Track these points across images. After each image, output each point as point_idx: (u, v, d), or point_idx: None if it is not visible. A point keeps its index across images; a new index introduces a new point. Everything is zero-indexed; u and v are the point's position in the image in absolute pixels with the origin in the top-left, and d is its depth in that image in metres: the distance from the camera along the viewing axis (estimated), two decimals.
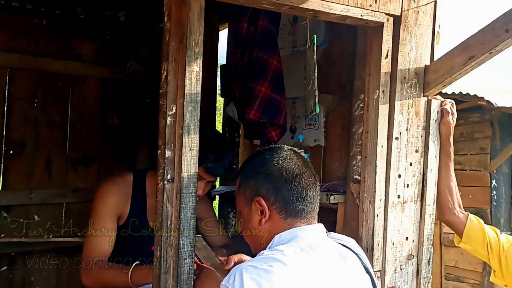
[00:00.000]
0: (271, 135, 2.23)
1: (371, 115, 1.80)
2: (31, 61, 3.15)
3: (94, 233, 1.87)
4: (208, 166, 1.86)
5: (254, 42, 2.04)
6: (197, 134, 1.35)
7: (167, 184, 1.34)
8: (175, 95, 1.34)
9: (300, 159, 1.34)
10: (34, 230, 3.21)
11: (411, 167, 1.86)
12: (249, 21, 2.08)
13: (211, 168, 1.88)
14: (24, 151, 3.18)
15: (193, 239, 1.35)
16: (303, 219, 1.28)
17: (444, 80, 1.82)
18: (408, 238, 1.86)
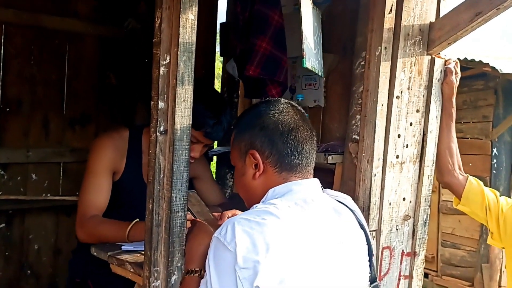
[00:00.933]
0: (272, 93, 2.19)
1: (372, 72, 1.75)
2: (27, 17, 3.06)
3: (89, 188, 1.85)
4: (208, 131, 1.82)
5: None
6: (191, 85, 1.31)
7: (160, 136, 1.31)
8: (169, 44, 1.30)
9: (297, 112, 1.30)
10: (32, 189, 3.20)
11: (411, 127, 1.82)
12: None
13: (210, 133, 1.83)
14: (20, 109, 3.13)
15: (185, 192, 1.32)
16: (298, 173, 1.25)
17: (449, 38, 1.76)
18: (405, 199, 1.84)
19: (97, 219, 1.80)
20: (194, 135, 1.78)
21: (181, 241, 1.33)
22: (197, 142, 1.81)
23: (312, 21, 1.68)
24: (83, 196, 1.85)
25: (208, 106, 1.78)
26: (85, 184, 1.86)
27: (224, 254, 1.09)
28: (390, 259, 1.82)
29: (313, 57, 1.68)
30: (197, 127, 1.77)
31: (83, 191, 1.87)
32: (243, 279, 1.06)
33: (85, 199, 1.84)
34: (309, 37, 1.60)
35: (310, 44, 1.62)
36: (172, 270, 1.32)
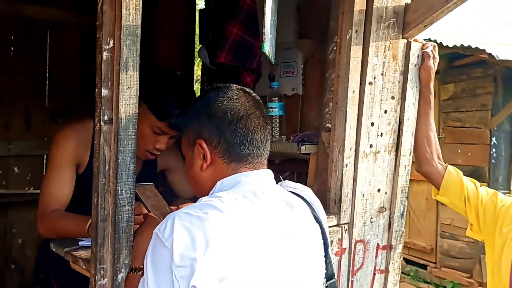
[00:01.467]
0: (246, 81, 2.10)
1: (343, 58, 1.66)
2: (5, 6, 2.99)
3: (51, 181, 1.77)
4: (172, 121, 1.74)
5: None
6: (137, 71, 1.23)
7: (104, 126, 1.23)
8: (112, 27, 1.22)
9: (250, 99, 1.22)
10: (15, 182, 3.15)
11: (386, 114, 1.73)
12: None
13: (175, 124, 1.75)
14: (1, 101, 3.07)
15: (132, 185, 1.25)
16: (248, 164, 1.17)
17: (424, 20, 1.67)
18: (380, 190, 1.76)
19: (57, 213, 1.72)
20: (159, 126, 1.71)
21: (128, 237, 1.26)
22: (162, 134, 1.73)
23: (272, 4, 1.60)
24: (45, 189, 1.78)
25: (174, 95, 1.69)
26: (47, 177, 1.78)
27: (161, 251, 1.02)
28: (364, 253, 1.74)
29: (269, 42, 1.60)
30: (161, 118, 1.69)
31: (44, 184, 1.79)
32: (179, 278, 0.99)
33: (46, 192, 1.76)
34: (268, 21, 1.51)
35: (268, 28, 1.53)
36: (119, 267, 1.25)
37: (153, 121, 1.69)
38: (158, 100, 1.67)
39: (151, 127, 1.70)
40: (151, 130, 1.71)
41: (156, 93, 1.68)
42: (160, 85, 1.70)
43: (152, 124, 1.70)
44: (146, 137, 1.72)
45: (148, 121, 1.70)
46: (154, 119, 1.68)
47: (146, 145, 1.73)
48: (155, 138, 1.73)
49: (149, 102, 1.69)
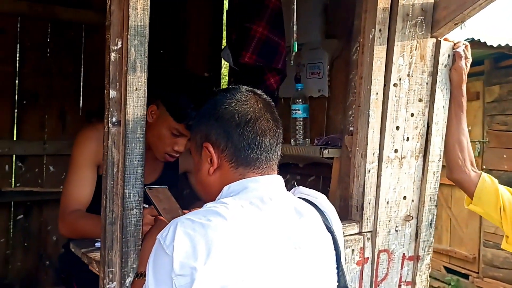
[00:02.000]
0: (270, 82, 2.06)
1: (365, 58, 1.59)
2: (41, 9, 3.07)
3: (72, 182, 1.79)
4: (190, 123, 1.71)
5: None
6: (145, 72, 1.21)
7: (112, 128, 1.21)
8: (120, 27, 1.20)
9: (260, 101, 1.17)
10: (50, 181, 3.23)
11: (413, 118, 1.64)
12: None
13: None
14: (37, 102, 3.16)
15: (140, 188, 1.23)
16: (256, 169, 1.12)
17: (455, 17, 1.57)
18: (406, 197, 1.67)
19: (78, 213, 1.74)
20: (176, 127, 1.69)
21: (136, 241, 1.24)
22: (180, 135, 1.71)
23: None
24: (66, 189, 1.80)
25: (191, 97, 1.67)
26: (69, 177, 1.80)
27: (162, 258, 0.99)
28: (389, 263, 1.66)
29: None
30: (178, 119, 1.67)
31: (66, 185, 1.81)
32: (179, 287, 0.95)
33: (67, 192, 1.78)
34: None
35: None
36: (127, 271, 1.23)
37: (171, 122, 1.68)
38: (175, 101, 1.66)
39: (169, 129, 1.69)
40: (169, 132, 1.70)
41: (174, 95, 1.67)
42: (177, 87, 1.69)
43: (170, 126, 1.68)
44: (165, 139, 1.71)
45: (166, 123, 1.69)
46: (172, 120, 1.67)
47: (165, 147, 1.72)
48: (174, 140, 1.72)
49: (167, 104, 1.68)
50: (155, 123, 1.71)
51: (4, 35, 3.01)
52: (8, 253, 3.15)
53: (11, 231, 3.18)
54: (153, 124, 1.70)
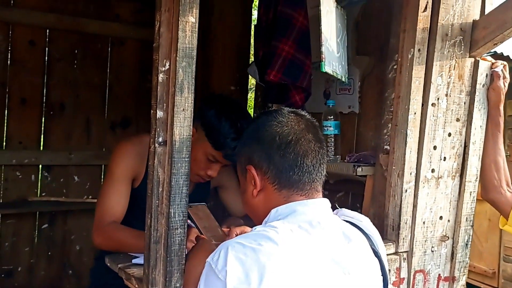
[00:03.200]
0: (295, 99, 2.06)
1: (403, 77, 1.58)
2: (69, 22, 3.12)
3: (108, 194, 1.80)
4: (228, 153, 1.72)
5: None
6: (191, 93, 1.21)
7: (159, 148, 1.22)
8: (169, 49, 1.21)
9: (302, 123, 1.17)
10: (74, 191, 3.26)
11: (450, 137, 1.63)
12: None
13: (230, 155, 1.72)
14: (64, 112, 3.20)
15: (185, 208, 1.23)
16: (300, 191, 1.12)
17: (495, 38, 1.56)
18: (442, 218, 1.66)
19: (114, 225, 1.75)
20: (213, 154, 1.69)
21: (180, 260, 1.24)
22: (215, 162, 1.71)
23: (334, 22, 1.54)
24: (102, 201, 1.81)
25: (232, 126, 1.66)
26: (105, 189, 1.82)
27: (214, 282, 0.99)
28: (424, 284, 1.64)
29: (335, 61, 1.54)
30: (217, 147, 1.67)
31: (102, 197, 1.83)
32: None
33: (103, 205, 1.80)
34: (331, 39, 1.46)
35: (331, 46, 1.48)
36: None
37: (208, 148, 1.68)
38: (216, 129, 1.66)
39: (205, 154, 1.69)
40: (205, 156, 1.70)
41: (215, 122, 1.66)
42: (220, 114, 1.68)
43: (207, 152, 1.69)
44: (200, 162, 1.71)
45: (204, 148, 1.69)
46: (210, 147, 1.67)
47: (198, 170, 1.73)
48: (208, 165, 1.72)
49: (207, 130, 1.68)
50: (191, 145, 1.71)
51: (33, 47, 3.06)
52: (32, 262, 3.18)
53: (36, 240, 3.21)
54: None
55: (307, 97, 2.00)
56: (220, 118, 1.68)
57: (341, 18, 1.68)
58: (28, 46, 3.05)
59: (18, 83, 3.03)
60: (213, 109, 1.70)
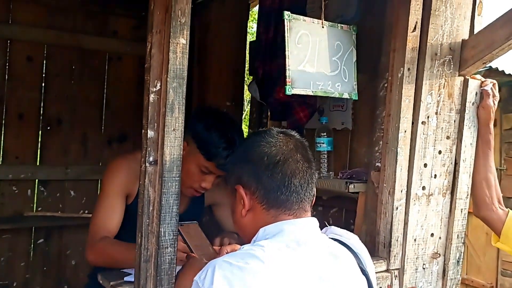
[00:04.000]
0: (299, 116, 2.08)
1: (394, 96, 1.61)
2: (68, 38, 3.16)
3: (102, 210, 1.81)
4: (220, 162, 1.74)
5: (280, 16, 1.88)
6: (182, 113, 1.23)
7: (149, 167, 1.24)
8: (160, 70, 1.23)
9: (291, 143, 1.18)
10: (70, 205, 3.27)
11: (440, 155, 1.65)
12: None
13: (223, 165, 1.74)
14: (61, 127, 3.22)
15: (175, 227, 1.25)
16: (288, 210, 1.14)
17: (483, 57, 1.59)
18: (433, 235, 1.66)
19: (108, 240, 1.75)
20: (206, 165, 1.71)
21: (170, 279, 1.25)
22: (209, 173, 1.73)
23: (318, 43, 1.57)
24: (96, 217, 1.82)
25: (222, 136, 1.69)
26: (98, 205, 1.83)
27: None
28: None
29: (328, 80, 1.57)
30: (209, 158, 1.69)
31: (95, 213, 1.84)
32: None
33: (97, 220, 1.80)
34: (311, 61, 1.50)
35: (313, 67, 1.51)
36: None
37: (200, 160, 1.70)
38: (207, 140, 1.68)
39: (198, 166, 1.71)
40: (198, 168, 1.72)
41: (206, 133, 1.69)
42: (209, 125, 1.70)
43: (199, 163, 1.71)
44: (193, 175, 1.72)
45: (196, 160, 1.70)
46: (202, 158, 1.69)
47: (192, 183, 1.74)
48: (202, 177, 1.74)
49: (198, 141, 1.70)
50: (184, 159, 1.71)
51: (31, 63, 3.09)
52: (28, 277, 3.18)
53: (31, 255, 3.21)
54: (182, 159, 1.72)
55: (312, 113, 2.02)
56: (210, 129, 1.70)
57: (342, 36, 1.71)
58: (26, 62, 3.08)
59: (15, 99, 3.06)
60: (203, 121, 1.73)
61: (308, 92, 1.54)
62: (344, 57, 1.82)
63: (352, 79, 1.78)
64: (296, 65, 1.49)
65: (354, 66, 1.76)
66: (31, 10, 3.05)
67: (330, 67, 1.70)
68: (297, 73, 1.50)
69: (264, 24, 2.05)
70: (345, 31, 1.79)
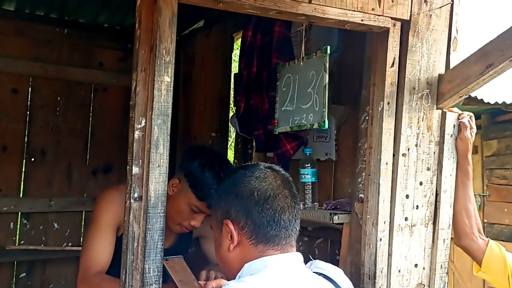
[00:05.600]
0: (286, 148, 2.11)
1: (375, 129, 1.64)
2: (53, 70, 3.18)
3: (94, 243, 1.79)
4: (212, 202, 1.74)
5: (262, 51, 1.93)
6: (167, 150, 1.25)
7: (134, 203, 1.25)
8: (145, 107, 1.26)
9: (278, 178, 1.21)
10: (54, 238, 3.22)
11: (422, 186, 1.68)
12: (255, 30, 1.97)
13: None
14: (45, 159, 3.21)
15: (160, 263, 1.25)
16: (276, 246, 1.15)
17: (459, 91, 1.63)
18: (417, 265, 1.68)
19: (101, 276, 1.73)
20: (197, 205, 1.71)
21: None
22: (199, 212, 1.73)
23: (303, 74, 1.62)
24: (87, 251, 1.79)
25: (216, 176, 1.68)
26: (89, 238, 1.81)
27: None
28: None
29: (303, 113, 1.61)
30: (201, 197, 1.69)
31: (87, 246, 1.81)
32: None
33: (89, 254, 1.78)
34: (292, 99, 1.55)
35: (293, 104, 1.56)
36: None
37: (192, 199, 1.70)
38: (200, 180, 1.68)
39: (189, 204, 1.71)
40: (189, 207, 1.71)
41: (199, 173, 1.69)
42: (203, 165, 1.70)
43: (190, 202, 1.70)
44: (183, 213, 1.72)
45: (187, 199, 1.70)
46: (194, 197, 1.69)
47: (181, 220, 1.74)
48: (192, 215, 1.73)
49: (190, 180, 1.70)
50: (175, 196, 1.72)
51: (16, 95, 3.10)
52: None
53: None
54: (173, 196, 1.72)
55: (299, 146, 2.04)
56: (203, 169, 1.70)
57: (316, 63, 1.75)
58: (11, 94, 3.09)
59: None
60: (197, 160, 1.73)
61: (287, 128, 1.58)
62: (316, 85, 1.83)
63: (321, 106, 1.75)
64: (280, 106, 1.53)
65: (324, 90, 1.75)
66: (16, 43, 3.08)
67: (305, 99, 1.74)
68: (281, 114, 1.53)
69: (246, 59, 2.09)
70: (318, 57, 1.80)
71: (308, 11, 1.43)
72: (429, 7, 1.66)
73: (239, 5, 1.33)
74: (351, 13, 1.51)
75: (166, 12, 1.23)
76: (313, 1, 1.44)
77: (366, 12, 1.54)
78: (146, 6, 1.24)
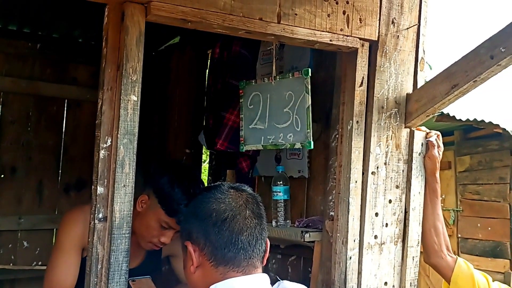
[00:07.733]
0: (242, 165, 2.12)
1: (344, 147, 1.66)
2: (25, 85, 3.13)
3: (57, 266, 1.75)
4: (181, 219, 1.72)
5: (227, 68, 1.94)
6: (133, 170, 1.24)
7: (98, 224, 1.22)
8: (111, 126, 1.24)
9: (241, 199, 1.19)
10: (23, 257, 3.14)
11: (391, 204, 1.69)
12: (222, 47, 1.99)
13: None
14: (15, 176, 3.14)
15: (124, 285, 1.22)
16: (236, 267, 1.13)
17: (426, 110, 1.66)
18: (387, 283, 1.69)
19: None
20: (166, 221, 1.68)
21: None
22: (169, 228, 1.71)
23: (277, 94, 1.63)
24: (50, 273, 1.75)
25: (185, 193, 1.66)
26: (53, 260, 1.76)
27: None
28: None
29: (279, 132, 1.61)
30: (170, 214, 1.66)
31: (50, 269, 1.77)
32: None
33: (52, 277, 1.73)
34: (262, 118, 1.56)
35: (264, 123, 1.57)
36: None
37: (161, 215, 1.67)
38: (170, 196, 1.66)
39: (159, 221, 1.68)
40: (158, 224, 1.69)
41: (168, 189, 1.66)
42: (172, 181, 1.68)
43: (160, 218, 1.68)
44: (153, 230, 1.70)
45: (157, 215, 1.68)
46: (163, 213, 1.67)
47: (151, 237, 1.71)
48: (161, 232, 1.71)
49: (159, 196, 1.68)
50: (144, 212, 1.70)
51: None
52: None
53: None
54: (142, 213, 1.69)
55: (253, 164, 2.05)
56: (173, 184, 1.68)
57: (293, 84, 1.76)
58: None
59: None
60: (166, 176, 1.71)
61: (258, 147, 1.58)
62: (296, 106, 1.84)
63: (304, 127, 1.76)
64: (248, 124, 1.53)
65: (307, 111, 1.75)
66: None
67: (281, 119, 1.75)
68: (248, 131, 1.54)
69: (213, 76, 2.11)
70: (296, 78, 1.81)
71: (277, 31, 1.44)
72: (396, 28, 1.70)
73: (207, 25, 1.34)
74: (320, 33, 1.53)
75: (133, 30, 1.23)
76: (282, 21, 1.46)
77: (334, 33, 1.56)
78: (113, 24, 1.24)
